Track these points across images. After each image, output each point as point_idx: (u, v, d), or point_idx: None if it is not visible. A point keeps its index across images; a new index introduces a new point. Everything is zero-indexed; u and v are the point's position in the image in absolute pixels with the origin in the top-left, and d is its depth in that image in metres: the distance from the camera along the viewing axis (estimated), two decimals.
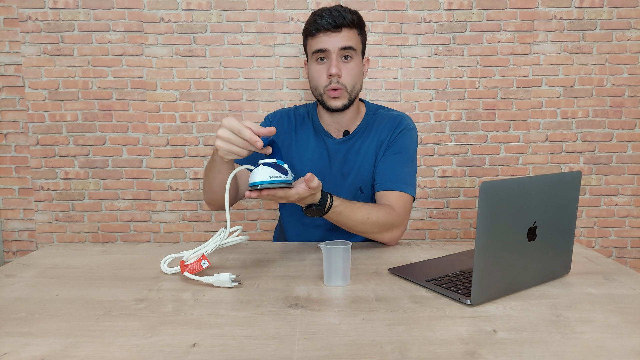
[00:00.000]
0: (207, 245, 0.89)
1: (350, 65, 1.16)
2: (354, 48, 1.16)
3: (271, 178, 0.84)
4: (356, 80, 1.18)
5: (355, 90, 1.19)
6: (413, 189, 1.19)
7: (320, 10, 1.16)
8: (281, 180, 0.85)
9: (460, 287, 0.81)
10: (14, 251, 2.04)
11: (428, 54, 1.95)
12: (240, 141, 0.87)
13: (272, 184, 0.85)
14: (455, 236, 2.06)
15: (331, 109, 1.18)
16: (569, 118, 1.98)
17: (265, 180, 0.84)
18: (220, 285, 0.84)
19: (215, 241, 0.89)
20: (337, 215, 1.02)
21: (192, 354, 0.60)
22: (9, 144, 1.97)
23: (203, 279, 0.85)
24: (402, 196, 1.16)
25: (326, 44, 1.14)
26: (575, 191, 0.86)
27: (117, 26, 1.91)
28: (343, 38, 1.14)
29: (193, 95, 1.96)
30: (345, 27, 1.14)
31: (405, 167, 1.20)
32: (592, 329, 0.67)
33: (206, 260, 0.87)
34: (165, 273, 0.93)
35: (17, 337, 0.65)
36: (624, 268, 0.94)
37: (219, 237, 0.89)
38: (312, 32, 1.15)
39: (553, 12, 1.93)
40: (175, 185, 2.00)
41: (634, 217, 2.03)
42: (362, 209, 1.05)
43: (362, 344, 0.63)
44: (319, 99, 1.21)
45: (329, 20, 1.12)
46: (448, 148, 2.00)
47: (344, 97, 1.17)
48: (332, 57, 1.14)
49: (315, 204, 0.97)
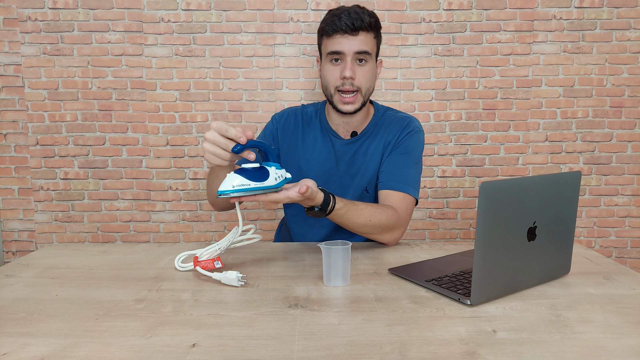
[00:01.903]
0: (220, 243, 0.91)
1: (364, 69, 1.15)
2: (369, 52, 1.14)
3: (234, 187, 0.83)
4: (370, 83, 1.18)
5: (368, 92, 1.18)
6: (416, 192, 1.18)
7: (338, 10, 1.14)
8: (246, 189, 0.83)
9: (460, 287, 0.81)
10: (14, 251, 2.04)
11: (428, 54, 1.95)
12: (223, 141, 0.85)
13: (235, 193, 0.83)
14: (455, 236, 2.06)
15: (342, 111, 1.18)
16: (568, 118, 1.98)
17: (227, 189, 0.83)
18: (227, 283, 0.85)
19: (228, 239, 0.91)
20: (340, 217, 1.02)
21: (192, 354, 0.60)
22: (8, 144, 1.97)
23: (212, 274, 0.87)
24: (405, 198, 1.15)
25: (342, 46, 1.13)
26: (575, 191, 0.86)
27: (116, 26, 1.91)
28: (360, 42, 1.12)
29: (193, 95, 1.96)
30: (363, 31, 1.12)
31: (411, 169, 1.20)
32: (592, 329, 0.67)
33: (219, 262, 0.89)
34: (179, 270, 0.94)
35: (16, 338, 0.65)
36: (624, 268, 0.94)
37: (231, 236, 0.91)
38: (329, 32, 1.14)
39: (553, 12, 1.93)
40: (175, 185, 2.00)
41: (633, 217, 2.03)
42: (365, 210, 1.05)
43: (361, 344, 0.63)
44: (329, 98, 1.20)
45: (347, 23, 1.11)
46: (448, 148, 2.00)
47: (357, 101, 1.17)
48: (347, 60, 1.13)
49: (317, 206, 0.97)
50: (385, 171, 1.20)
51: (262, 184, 0.86)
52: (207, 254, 0.90)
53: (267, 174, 0.87)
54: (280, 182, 0.89)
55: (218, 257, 0.90)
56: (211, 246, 0.92)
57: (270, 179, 0.87)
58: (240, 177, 0.84)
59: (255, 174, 0.86)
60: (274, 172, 0.88)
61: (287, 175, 0.92)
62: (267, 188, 0.87)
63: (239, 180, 0.83)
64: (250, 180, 0.84)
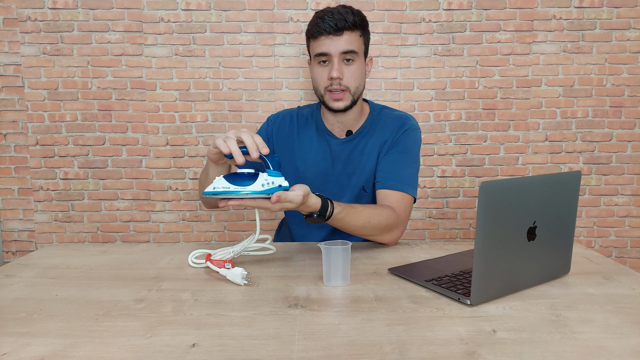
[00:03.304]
0: (235, 247, 0.95)
1: (352, 68, 1.16)
2: (355, 51, 1.15)
3: (215, 189, 0.87)
4: (359, 81, 1.18)
5: (358, 91, 1.19)
6: (414, 190, 1.18)
7: (322, 12, 1.15)
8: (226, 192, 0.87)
9: (459, 287, 0.81)
10: (14, 251, 2.04)
11: (427, 54, 1.95)
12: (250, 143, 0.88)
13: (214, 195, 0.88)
14: (454, 236, 2.06)
15: (333, 109, 1.19)
16: (568, 118, 1.98)
17: (209, 191, 0.88)
18: (232, 280, 0.87)
19: (243, 245, 0.95)
20: (339, 221, 1.02)
21: (192, 354, 0.60)
22: (8, 144, 1.97)
23: (220, 270, 0.89)
24: (403, 197, 1.15)
25: (328, 47, 1.13)
26: (574, 191, 0.86)
27: (116, 26, 1.91)
28: (345, 42, 1.13)
29: (192, 95, 1.96)
30: (347, 30, 1.13)
31: (408, 167, 1.20)
32: (592, 329, 0.67)
33: (230, 264, 0.91)
34: (192, 266, 0.97)
35: (16, 337, 0.65)
36: (624, 268, 0.94)
37: (247, 242, 0.95)
38: (314, 35, 1.15)
39: (553, 12, 1.93)
40: (174, 185, 2.00)
41: (633, 217, 2.03)
42: (363, 212, 1.05)
43: (361, 344, 0.63)
44: (320, 99, 1.21)
45: (330, 24, 1.11)
46: (448, 148, 2.00)
47: (347, 99, 1.17)
48: (333, 61, 1.14)
49: (316, 212, 0.97)
50: (382, 170, 1.20)
51: (244, 189, 0.87)
52: (221, 255, 0.94)
53: (255, 179, 0.88)
54: (269, 189, 0.88)
55: (230, 261, 0.92)
56: (225, 248, 0.95)
57: (255, 184, 0.88)
58: (224, 181, 0.88)
59: (243, 179, 0.88)
60: (262, 179, 0.88)
61: (282, 184, 0.90)
62: (251, 193, 0.87)
63: (222, 183, 0.88)
64: (233, 185, 0.88)
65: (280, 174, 0.91)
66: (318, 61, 1.17)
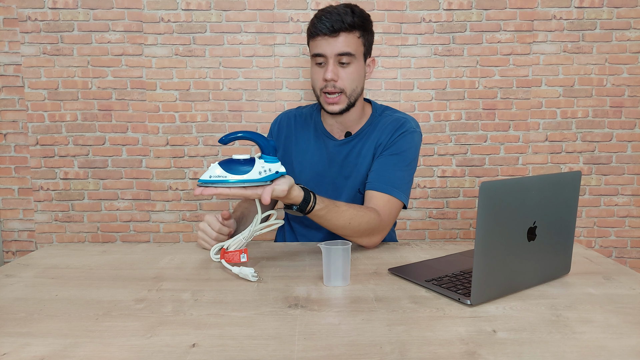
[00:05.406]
0: (244, 233, 0.95)
1: (348, 70, 1.13)
2: (351, 53, 1.12)
3: (211, 177, 0.85)
4: (355, 83, 1.15)
5: (355, 93, 1.16)
6: (404, 195, 1.14)
7: (321, 12, 1.13)
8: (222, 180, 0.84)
9: (460, 287, 0.81)
10: (14, 251, 2.04)
11: (428, 54, 1.95)
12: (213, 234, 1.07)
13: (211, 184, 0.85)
14: (455, 236, 2.06)
15: (328, 112, 1.18)
16: (568, 118, 1.98)
17: (205, 179, 0.85)
18: (243, 277, 0.88)
19: (249, 229, 0.96)
20: (319, 218, 1.01)
21: (192, 354, 0.60)
22: (8, 144, 1.97)
23: (232, 268, 0.90)
24: (390, 201, 1.12)
25: (323, 48, 1.12)
26: (575, 191, 0.86)
27: (116, 26, 1.91)
28: (340, 43, 1.11)
29: (193, 95, 1.96)
30: (344, 32, 1.10)
31: (400, 171, 1.16)
32: (592, 329, 0.67)
33: (245, 255, 0.92)
34: (214, 260, 1.00)
35: (16, 337, 0.65)
36: (624, 268, 0.94)
37: (252, 225, 0.96)
38: (312, 35, 1.14)
39: (553, 12, 1.93)
40: (174, 185, 2.00)
41: (633, 217, 2.03)
42: (346, 213, 1.03)
43: (361, 344, 0.63)
44: (317, 100, 1.20)
45: (326, 25, 1.09)
46: (448, 148, 2.00)
47: (342, 102, 1.15)
48: (329, 62, 1.12)
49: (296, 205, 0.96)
50: (372, 171, 1.17)
51: (241, 177, 0.84)
52: (235, 245, 0.95)
53: (252, 166, 0.85)
54: (267, 177, 0.86)
55: (245, 250, 0.93)
56: (236, 237, 0.96)
57: (253, 172, 0.85)
58: (219, 169, 0.84)
59: (239, 166, 0.85)
60: (259, 166, 0.86)
61: (279, 170, 0.88)
62: (249, 182, 0.85)
63: (218, 171, 0.85)
64: (230, 173, 0.84)
65: (276, 159, 0.89)
66: (315, 62, 1.16)
